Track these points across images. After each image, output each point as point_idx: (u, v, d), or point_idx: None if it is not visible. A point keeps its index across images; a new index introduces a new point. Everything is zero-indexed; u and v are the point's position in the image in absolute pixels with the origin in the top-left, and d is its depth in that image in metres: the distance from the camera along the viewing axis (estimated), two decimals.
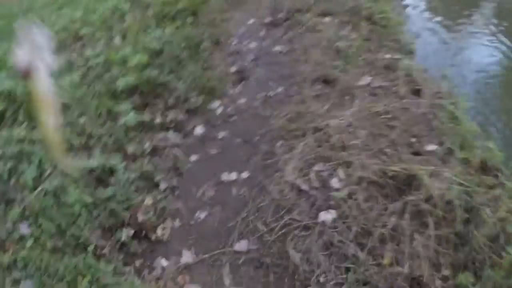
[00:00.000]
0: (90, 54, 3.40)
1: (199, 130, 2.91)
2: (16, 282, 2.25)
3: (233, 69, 3.39)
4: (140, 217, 2.48)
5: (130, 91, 2.99)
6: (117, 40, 3.54)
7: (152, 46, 3.27)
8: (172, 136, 2.80)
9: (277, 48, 3.74)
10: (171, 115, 2.90)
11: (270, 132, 2.82)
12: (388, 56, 3.55)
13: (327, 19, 4.14)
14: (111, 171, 2.67)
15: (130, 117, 2.78)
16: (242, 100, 3.11)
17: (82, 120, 2.93)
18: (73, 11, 4.21)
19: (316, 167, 2.51)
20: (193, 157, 2.77)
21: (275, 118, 2.91)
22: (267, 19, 4.26)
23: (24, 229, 2.46)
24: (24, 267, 2.29)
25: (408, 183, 2.31)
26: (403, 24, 4.50)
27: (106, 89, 3.03)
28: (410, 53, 4.05)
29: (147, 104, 2.98)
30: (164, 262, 2.25)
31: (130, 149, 2.69)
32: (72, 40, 3.74)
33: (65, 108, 3.02)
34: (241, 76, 3.31)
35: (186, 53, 3.28)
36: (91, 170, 2.69)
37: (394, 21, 4.33)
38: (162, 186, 2.60)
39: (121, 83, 2.96)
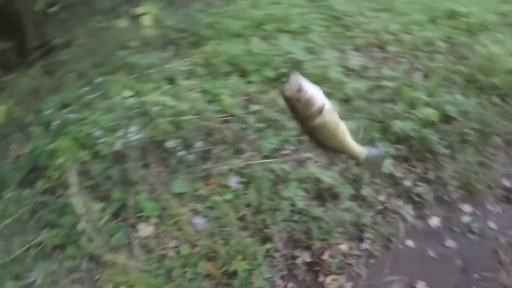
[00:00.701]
0: (386, 73, 3.32)
1: (434, 221, 2.65)
2: (193, 211, 2.46)
3: (506, 182, 2.93)
4: (325, 256, 2.43)
5: (401, 137, 2.84)
6: (418, 76, 3.37)
7: (446, 108, 3.01)
8: (407, 208, 2.61)
9: None
10: (420, 188, 2.69)
11: (492, 281, 2.41)
12: None
13: None
14: (335, 195, 2.61)
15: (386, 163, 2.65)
16: (493, 225, 2.69)
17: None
18: (393, 18, 4.15)
19: None
20: (409, 242, 2.56)
21: (503, 272, 2.46)
22: None
23: (233, 182, 2.63)
24: (209, 208, 2.47)
25: None
26: None
27: (380, 117, 2.94)
28: None
29: (406, 160, 2.81)
30: None
31: (366, 191, 2.60)
32: (375, 47, 3.70)
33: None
34: (508, 197, 2.85)
35: (472, 136, 2.94)
36: (318, 180, 2.67)
37: None
38: (364, 246, 2.50)
39: (398, 125, 2.82)
